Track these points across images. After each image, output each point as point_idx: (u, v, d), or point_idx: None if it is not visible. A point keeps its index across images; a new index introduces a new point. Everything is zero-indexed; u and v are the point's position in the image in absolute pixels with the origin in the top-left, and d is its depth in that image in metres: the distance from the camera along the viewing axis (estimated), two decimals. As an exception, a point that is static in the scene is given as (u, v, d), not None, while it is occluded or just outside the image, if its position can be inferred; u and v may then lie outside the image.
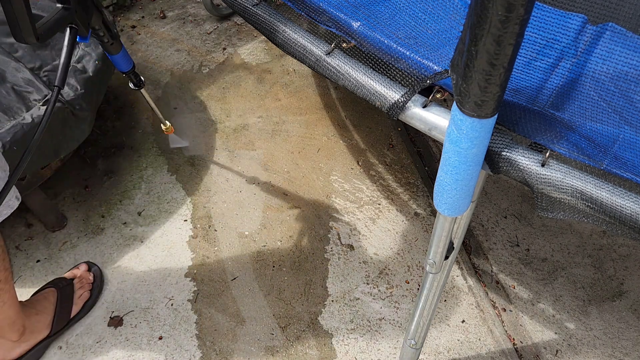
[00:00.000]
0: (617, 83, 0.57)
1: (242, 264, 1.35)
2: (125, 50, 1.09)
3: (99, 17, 0.94)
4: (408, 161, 1.59)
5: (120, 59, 1.10)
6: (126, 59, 1.11)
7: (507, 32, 0.41)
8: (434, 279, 0.86)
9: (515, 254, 1.39)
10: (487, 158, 0.61)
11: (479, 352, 1.22)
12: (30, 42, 0.74)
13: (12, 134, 1.10)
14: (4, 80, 1.18)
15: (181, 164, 1.56)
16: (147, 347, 1.20)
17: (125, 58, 1.10)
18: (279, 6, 0.83)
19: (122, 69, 1.13)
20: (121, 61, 1.11)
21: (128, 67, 1.14)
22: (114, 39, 1.03)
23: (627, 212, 0.55)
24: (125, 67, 1.13)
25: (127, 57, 1.11)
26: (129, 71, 1.14)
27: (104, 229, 1.41)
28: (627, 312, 1.30)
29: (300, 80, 1.80)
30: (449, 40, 0.69)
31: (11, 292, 1.03)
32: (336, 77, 0.72)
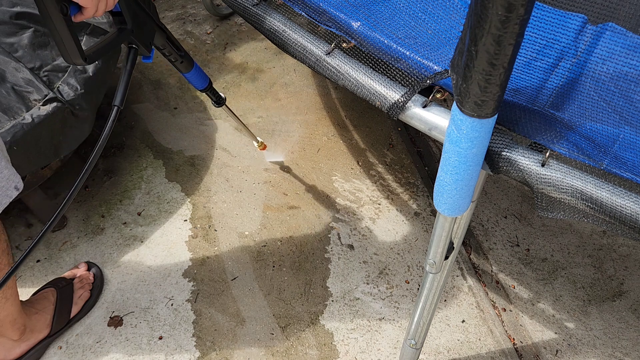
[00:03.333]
0: (617, 83, 0.57)
1: (242, 264, 1.35)
2: (198, 67, 1.06)
3: (162, 36, 0.92)
4: (408, 161, 1.59)
5: (192, 77, 1.07)
6: (200, 77, 1.08)
7: (507, 32, 0.41)
8: (434, 279, 0.86)
9: (515, 254, 1.39)
10: (487, 158, 0.61)
11: (479, 352, 1.22)
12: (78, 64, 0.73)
13: (12, 134, 1.10)
14: (4, 80, 1.18)
15: (181, 164, 1.56)
16: (147, 347, 1.20)
17: (198, 75, 1.07)
18: (279, 6, 0.83)
19: (198, 87, 1.11)
20: (194, 79, 1.08)
21: (203, 85, 1.11)
22: (182, 58, 1.00)
23: (627, 212, 0.55)
24: (200, 85, 1.11)
25: (200, 74, 1.08)
26: (204, 89, 1.12)
27: (104, 229, 1.41)
28: (627, 312, 1.30)
29: (300, 80, 1.80)
30: (449, 40, 0.69)
31: (14, 289, 1.04)
32: (336, 77, 0.72)
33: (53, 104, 1.17)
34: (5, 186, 0.87)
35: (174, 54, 0.98)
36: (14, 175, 0.90)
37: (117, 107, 0.80)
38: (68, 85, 1.22)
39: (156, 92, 1.74)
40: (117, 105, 0.80)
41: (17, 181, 0.91)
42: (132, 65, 0.83)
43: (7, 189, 0.89)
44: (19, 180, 0.91)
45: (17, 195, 0.91)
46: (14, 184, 0.90)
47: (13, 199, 0.89)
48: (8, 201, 0.89)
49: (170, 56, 0.99)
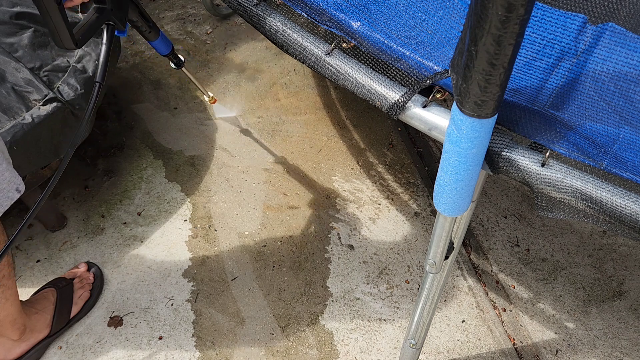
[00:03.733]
0: (617, 83, 0.57)
1: (242, 264, 1.35)
2: (163, 35, 1.13)
3: (135, 10, 0.98)
4: (408, 161, 1.59)
5: (159, 44, 1.14)
6: (165, 43, 1.15)
7: (507, 32, 0.41)
8: (434, 279, 0.86)
9: (515, 254, 1.39)
10: (487, 158, 0.61)
11: (479, 352, 1.22)
12: (70, 48, 0.77)
13: (12, 134, 1.10)
14: (4, 80, 1.18)
15: (181, 164, 1.56)
16: (147, 347, 1.20)
17: (163, 42, 1.14)
18: (279, 6, 0.83)
19: (162, 52, 1.18)
20: (160, 46, 1.15)
21: (167, 50, 1.18)
22: (151, 28, 1.07)
23: (627, 212, 0.55)
24: (165, 50, 1.18)
25: (165, 40, 1.15)
26: (168, 53, 1.19)
27: (104, 229, 1.41)
28: (627, 312, 1.30)
29: (300, 80, 1.80)
30: (449, 40, 0.69)
31: (14, 289, 1.03)
32: (336, 77, 0.72)
33: (53, 104, 1.17)
34: (6, 188, 0.87)
35: (144, 25, 1.04)
36: (15, 177, 0.89)
37: (98, 83, 0.84)
38: (68, 85, 1.22)
39: (156, 92, 1.74)
40: (98, 81, 0.84)
41: (18, 183, 0.91)
42: (110, 41, 0.88)
43: (9, 191, 0.89)
44: (21, 183, 0.91)
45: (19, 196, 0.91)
46: (15, 186, 0.90)
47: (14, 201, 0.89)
48: (9, 203, 0.89)
49: (141, 27, 1.04)
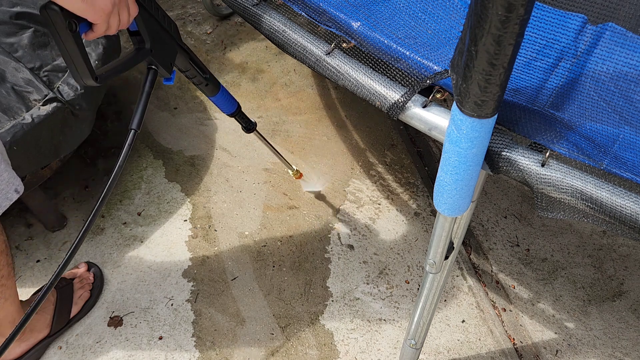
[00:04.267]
0: (617, 83, 0.57)
1: (242, 264, 1.35)
2: (224, 91, 1.00)
3: (184, 57, 0.88)
4: (408, 161, 1.59)
5: (219, 101, 1.01)
6: (227, 100, 1.02)
7: (507, 32, 0.41)
8: (434, 279, 0.86)
9: (515, 254, 1.39)
10: (487, 158, 0.61)
11: (479, 352, 1.22)
12: (89, 84, 0.69)
13: (12, 134, 1.10)
14: (4, 80, 1.18)
15: (181, 164, 1.56)
16: (147, 347, 1.20)
17: (225, 99, 1.01)
18: (279, 6, 0.83)
19: (225, 111, 1.05)
20: (221, 103, 1.02)
21: (231, 109, 1.04)
22: (208, 81, 0.95)
23: (627, 212, 0.55)
24: (228, 110, 1.05)
25: (228, 97, 1.02)
26: (232, 113, 1.06)
27: (104, 229, 1.41)
28: (627, 312, 1.30)
29: (300, 80, 1.80)
30: (449, 40, 0.69)
31: (13, 289, 1.03)
32: (336, 77, 0.72)
33: (53, 104, 1.17)
34: (5, 189, 0.87)
35: (197, 77, 0.93)
36: (14, 178, 0.89)
37: (134, 130, 0.76)
38: (68, 85, 1.22)
39: (156, 92, 1.74)
40: (134, 128, 0.76)
41: (17, 184, 0.90)
42: (150, 87, 0.79)
43: (7, 192, 0.88)
44: (20, 183, 0.91)
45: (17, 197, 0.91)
46: (14, 186, 0.90)
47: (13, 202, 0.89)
48: (8, 204, 0.88)
49: (194, 79, 0.93)
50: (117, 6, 0.65)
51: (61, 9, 0.60)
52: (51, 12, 0.60)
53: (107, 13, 0.63)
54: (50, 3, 0.59)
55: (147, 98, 0.78)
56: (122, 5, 0.66)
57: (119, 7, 0.65)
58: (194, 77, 0.93)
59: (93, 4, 0.61)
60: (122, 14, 0.66)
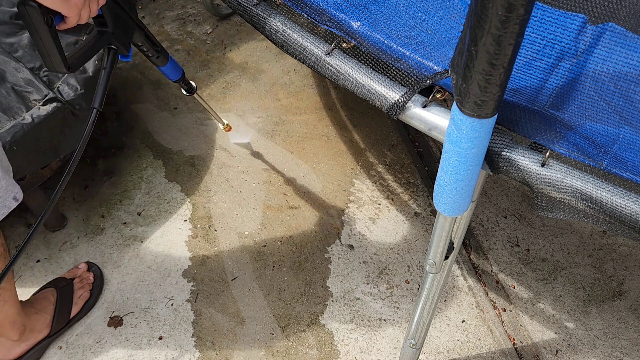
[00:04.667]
0: (617, 83, 0.57)
1: (242, 264, 1.35)
2: (172, 60, 1.07)
3: (141, 34, 0.92)
4: (408, 161, 1.59)
5: (168, 70, 1.09)
6: (174, 68, 1.10)
7: (507, 32, 0.41)
8: (434, 279, 0.86)
9: (515, 254, 1.39)
10: (487, 158, 0.61)
11: (479, 352, 1.22)
12: (61, 72, 0.72)
13: (12, 134, 1.10)
14: (4, 80, 1.18)
15: (181, 164, 1.56)
16: (147, 347, 1.20)
17: (173, 68, 1.09)
18: (279, 6, 0.83)
19: (172, 78, 1.12)
20: (170, 71, 1.09)
21: (177, 75, 1.13)
22: (159, 53, 1.01)
23: (627, 212, 0.55)
24: (175, 77, 1.12)
25: (175, 66, 1.09)
26: (178, 79, 1.13)
27: (104, 229, 1.41)
28: (627, 312, 1.30)
29: (300, 80, 1.80)
30: (449, 40, 0.69)
31: (12, 291, 1.04)
32: (336, 77, 0.72)
33: (53, 104, 1.17)
34: (3, 197, 0.87)
35: (151, 50, 0.98)
36: (12, 185, 0.89)
37: (96, 109, 0.79)
38: (68, 85, 1.22)
39: (156, 92, 1.74)
40: (96, 107, 0.79)
41: (16, 192, 0.90)
42: (111, 67, 0.83)
43: (6, 199, 0.88)
44: (18, 191, 0.91)
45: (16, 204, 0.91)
46: (12, 194, 0.90)
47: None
48: (6, 212, 0.88)
49: (148, 52, 0.99)
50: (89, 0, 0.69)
51: (39, 6, 0.63)
52: (30, 9, 0.63)
53: (80, 7, 0.67)
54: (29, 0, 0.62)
55: (109, 78, 0.82)
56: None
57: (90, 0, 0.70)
58: (148, 50, 0.97)
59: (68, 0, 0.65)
60: (92, 4, 0.70)
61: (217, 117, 1.39)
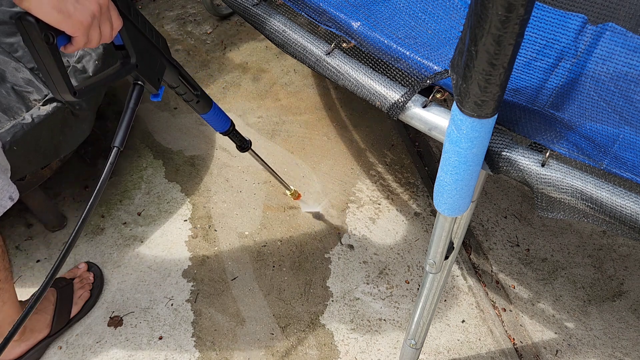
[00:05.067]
0: (617, 83, 0.57)
1: (242, 264, 1.35)
2: (217, 108, 0.96)
3: (174, 73, 0.83)
4: (408, 161, 1.59)
5: (211, 119, 0.97)
6: (219, 118, 0.98)
7: (507, 32, 0.41)
8: (434, 279, 0.86)
9: (515, 254, 1.39)
10: (487, 158, 0.61)
11: (479, 352, 1.22)
12: (67, 99, 0.65)
13: (12, 134, 1.10)
14: (4, 80, 1.18)
15: (181, 164, 1.56)
16: (147, 347, 1.20)
17: (217, 117, 0.97)
18: (279, 6, 0.83)
19: (217, 129, 1.00)
20: (213, 120, 0.98)
21: (223, 127, 1.00)
22: (198, 97, 0.91)
23: (627, 212, 0.55)
24: (221, 128, 1.00)
25: (220, 115, 0.98)
26: (225, 132, 1.02)
27: (104, 229, 1.41)
28: (627, 312, 1.30)
29: (300, 80, 1.80)
30: (449, 40, 0.69)
31: (11, 292, 1.03)
32: (336, 77, 0.72)
33: (53, 104, 1.17)
34: None
35: (188, 93, 0.89)
36: (8, 185, 0.89)
37: (117, 148, 0.71)
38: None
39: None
40: (117, 146, 0.71)
41: (11, 191, 0.90)
42: (135, 104, 0.75)
43: (1, 199, 0.88)
44: (14, 190, 0.90)
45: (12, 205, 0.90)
46: (8, 194, 0.89)
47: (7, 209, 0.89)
48: (2, 211, 0.88)
49: (184, 95, 0.90)
50: (98, 19, 0.61)
51: (37, 21, 0.56)
52: (26, 24, 0.57)
53: (86, 26, 0.59)
54: (26, 14, 0.56)
55: (132, 115, 0.74)
56: (104, 18, 0.62)
57: (100, 20, 0.61)
58: (184, 93, 0.89)
59: (70, 16, 0.57)
60: (104, 27, 0.63)
61: (282, 182, 1.29)
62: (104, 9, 0.61)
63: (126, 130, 0.72)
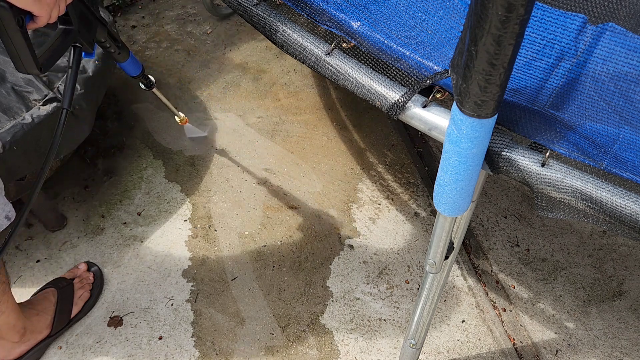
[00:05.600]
0: (617, 83, 0.57)
1: (242, 264, 1.35)
2: (132, 56, 1.09)
3: (103, 30, 0.91)
4: (408, 161, 1.59)
5: (128, 65, 1.09)
6: (134, 64, 1.11)
7: (507, 32, 0.41)
8: (434, 279, 0.86)
9: (515, 254, 1.39)
10: (487, 158, 0.61)
11: (479, 352, 1.22)
12: (33, 73, 0.71)
13: (12, 134, 1.10)
14: (4, 80, 1.18)
15: (181, 164, 1.56)
16: (147, 347, 1.20)
17: (133, 63, 1.10)
18: (279, 6, 0.83)
19: (132, 73, 1.13)
20: (130, 67, 1.10)
21: (137, 71, 1.14)
22: (120, 49, 1.02)
23: (627, 212, 0.55)
24: (135, 72, 1.13)
25: (135, 62, 1.10)
26: (138, 75, 1.15)
27: (104, 229, 1.41)
28: (627, 312, 1.30)
29: (300, 80, 1.80)
30: (449, 40, 0.69)
31: (9, 302, 1.03)
32: (336, 77, 0.72)
33: (53, 104, 1.17)
34: None
35: (112, 46, 0.98)
36: (4, 204, 0.89)
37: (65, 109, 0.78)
38: (68, 85, 1.21)
39: (156, 92, 1.74)
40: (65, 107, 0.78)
41: (8, 210, 0.90)
42: (77, 65, 0.82)
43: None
44: (10, 209, 0.90)
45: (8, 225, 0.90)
46: (4, 213, 0.89)
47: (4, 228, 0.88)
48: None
49: (110, 48, 0.99)
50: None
51: (11, 6, 0.61)
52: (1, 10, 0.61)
53: (52, 6, 0.66)
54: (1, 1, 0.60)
55: (76, 76, 0.81)
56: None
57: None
58: (110, 46, 0.97)
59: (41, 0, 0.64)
60: (62, 3, 0.69)
61: (174, 109, 1.40)
62: None
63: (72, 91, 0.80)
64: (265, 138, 1.62)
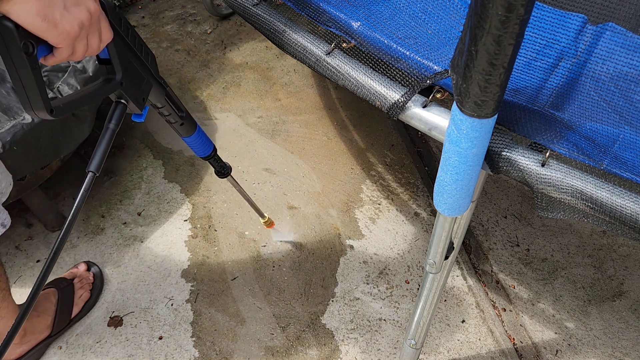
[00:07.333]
0: (617, 83, 0.57)
1: (242, 264, 1.35)
2: (200, 131, 0.89)
3: (160, 92, 0.76)
4: (408, 161, 1.59)
5: (195, 141, 0.90)
6: (202, 142, 0.91)
7: (507, 32, 0.41)
8: (434, 279, 0.86)
9: (515, 254, 1.39)
10: (487, 158, 0.61)
11: (479, 352, 1.22)
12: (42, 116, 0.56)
13: (12, 134, 1.10)
14: (4, 80, 1.18)
15: (181, 164, 1.56)
16: (147, 347, 1.20)
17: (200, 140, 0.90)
18: (279, 6, 0.83)
19: (199, 154, 0.93)
20: (197, 144, 0.90)
21: (206, 151, 0.93)
22: (183, 120, 0.84)
23: (627, 212, 0.55)
24: (203, 152, 0.93)
25: (203, 139, 0.90)
26: (207, 157, 0.94)
27: (104, 229, 1.41)
28: (627, 312, 1.30)
29: (300, 80, 1.80)
30: (449, 40, 0.69)
31: (9, 307, 1.03)
32: (336, 77, 0.72)
33: (53, 104, 1.17)
34: None
35: (173, 115, 0.83)
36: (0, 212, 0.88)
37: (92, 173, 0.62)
38: (68, 85, 1.21)
39: (156, 92, 1.74)
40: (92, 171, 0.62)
41: (4, 218, 0.89)
42: (116, 124, 0.66)
43: None
44: (6, 217, 0.89)
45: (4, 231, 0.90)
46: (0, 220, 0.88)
47: None
48: None
49: (169, 116, 0.83)
50: (87, 30, 0.54)
51: (16, 27, 0.48)
52: (3, 30, 0.48)
53: (73, 37, 0.52)
54: (4, 18, 0.47)
55: (112, 137, 0.65)
56: (93, 29, 0.55)
57: (89, 31, 0.55)
58: (169, 114, 0.83)
59: (56, 25, 0.50)
60: (92, 39, 0.56)
61: (257, 209, 1.22)
62: (94, 19, 0.54)
63: (104, 153, 0.64)
64: (265, 138, 1.62)
